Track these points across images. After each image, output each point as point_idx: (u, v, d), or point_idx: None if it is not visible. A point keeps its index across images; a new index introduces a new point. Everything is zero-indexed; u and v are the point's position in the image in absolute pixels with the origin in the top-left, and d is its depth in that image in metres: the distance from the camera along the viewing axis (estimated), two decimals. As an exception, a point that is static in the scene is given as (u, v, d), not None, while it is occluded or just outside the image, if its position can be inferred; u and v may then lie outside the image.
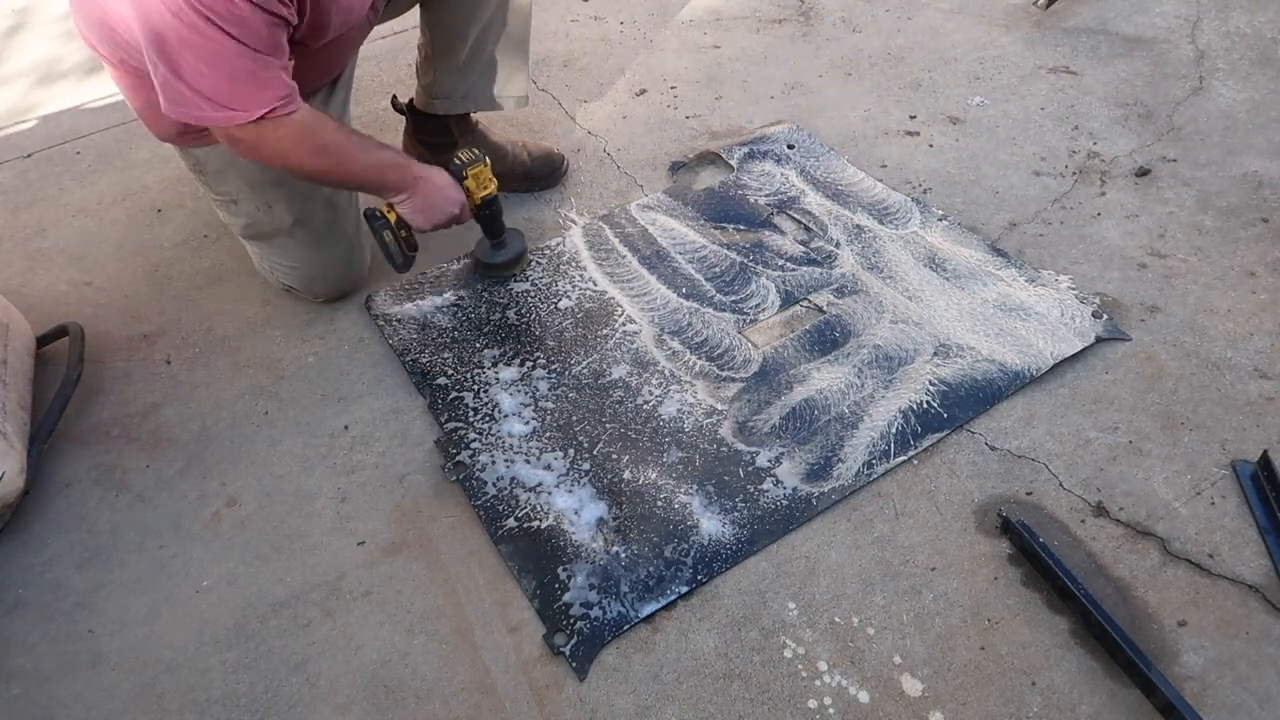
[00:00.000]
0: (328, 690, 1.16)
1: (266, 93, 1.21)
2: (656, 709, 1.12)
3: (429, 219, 1.48)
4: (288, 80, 1.24)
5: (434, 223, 1.49)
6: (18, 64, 2.44)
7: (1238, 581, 1.21)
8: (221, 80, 1.18)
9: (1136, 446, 1.37)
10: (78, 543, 1.33)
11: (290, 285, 1.64)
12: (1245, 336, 1.52)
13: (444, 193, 1.48)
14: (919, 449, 1.37)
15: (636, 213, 1.83)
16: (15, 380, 1.43)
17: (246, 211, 1.53)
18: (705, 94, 2.18)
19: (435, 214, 1.48)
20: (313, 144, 1.30)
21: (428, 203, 1.47)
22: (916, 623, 1.19)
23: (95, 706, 1.15)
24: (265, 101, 1.21)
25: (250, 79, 1.19)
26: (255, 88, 1.20)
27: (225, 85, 1.18)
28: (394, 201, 1.46)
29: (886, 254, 1.70)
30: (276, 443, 1.45)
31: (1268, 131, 1.95)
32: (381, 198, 1.47)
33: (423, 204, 1.46)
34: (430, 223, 1.49)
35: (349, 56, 1.56)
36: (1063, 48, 2.25)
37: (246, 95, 1.20)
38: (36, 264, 1.81)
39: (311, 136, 1.29)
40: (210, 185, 1.53)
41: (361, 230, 1.68)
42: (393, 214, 1.47)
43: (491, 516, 1.32)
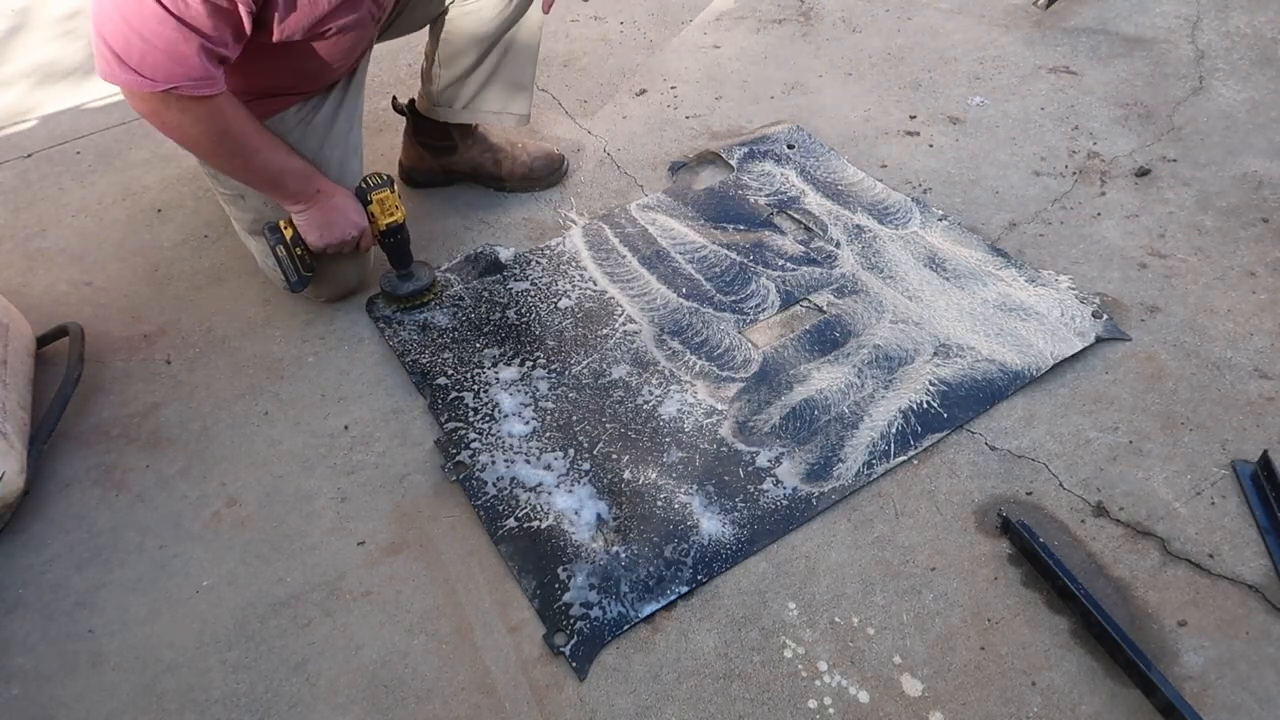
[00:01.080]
0: (328, 690, 1.16)
1: (178, 68, 1.19)
2: (656, 709, 1.12)
3: (323, 237, 1.47)
4: (208, 64, 1.21)
5: (328, 242, 1.47)
6: (18, 64, 2.44)
7: (1238, 581, 1.21)
8: (135, 42, 1.16)
9: (1136, 446, 1.37)
10: (78, 543, 1.33)
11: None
12: (1245, 336, 1.52)
13: (344, 213, 1.47)
14: (919, 449, 1.37)
15: (636, 213, 1.83)
16: (15, 380, 1.43)
17: (254, 207, 1.53)
18: (705, 94, 2.18)
19: (331, 233, 1.47)
20: (213, 129, 1.28)
21: (325, 219, 1.45)
22: (916, 623, 1.19)
23: (95, 706, 1.15)
24: (174, 77, 1.19)
25: (167, 50, 1.17)
26: (168, 60, 1.17)
27: (139, 48, 1.16)
28: (292, 214, 1.45)
29: (886, 254, 1.70)
30: (276, 443, 1.45)
31: (1268, 131, 1.95)
32: (279, 205, 1.46)
33: (319, 220, 1.45)
34: (324, 241, 1.47)
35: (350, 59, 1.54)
36: (1063, 48, 2.25)
37: (156, 64, 1.18)
38: (36, 264, 1.81)
39: (213, 123, 1.28)
40: (219, 180, 1.53)
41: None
42: (289, 230, 1.45)
43: (491, 516, 1.32)
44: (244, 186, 1.50)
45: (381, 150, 2.04)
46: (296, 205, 1.44)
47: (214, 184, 1.56)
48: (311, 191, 1.42)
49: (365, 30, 1.45)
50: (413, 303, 1.62)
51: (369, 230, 1.51)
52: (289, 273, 1.48)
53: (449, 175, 1.89)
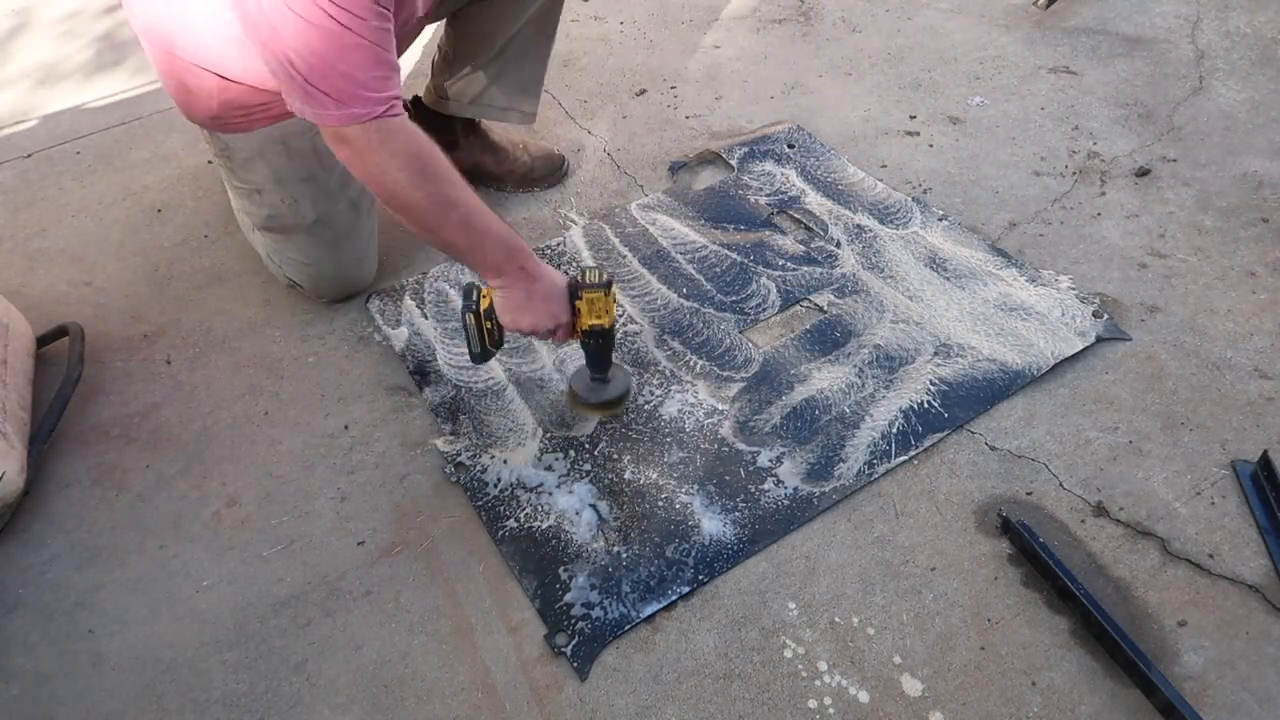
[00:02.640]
0: (328, 690, 1.16)
1: (384, 91, 1.15)
2: (656, 709, 1.12)
3: (515, 321, 1.31)
4: (399, 81, 1.19)
5: (520, 327, 1.32)
6: (18, 64, 2.44)
7: (1238, 581, 1.21)
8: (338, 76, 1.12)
9: (1136, 446, 1.37)
10: (78, 543, 1.33)
11: (297, 282, 1.63)
12: (1245, 336, 1.52)
13: (546, 302, 1.30)
14: (919, 449, 1.37)
15: (637, 213, 1.83)
16: (15, 380, 1.43)
17: (270, 203, 1.52)
18: (705, 94, 2.18)
19: (525, 318, 1.31)
20: (419, 165, 1.18)
21: (521, 302, 1.30)
22: (916, 623, 1.19)
23: (95, 706, 1.15)
24: (383, 100, 1.15)
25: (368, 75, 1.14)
26: (373, 86, 1.14)
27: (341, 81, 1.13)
28: (491, 284, 1.31)
29: (887, 254, 1.70)
30: (276, 443, 1.45)
31: (1268, 131, 1.95)
32: (474, 272, 1.34)
33: (515, 301, 1.30)
34: (516, 325, 1.32)
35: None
36: (1063, 48, 2.25)
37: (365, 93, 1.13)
38: (36, 264, 1.81)
39: (419, 155, 1.19)
40: (235, 173, 1.51)
41: (376, 236, 1.68)
42: (486, 300, 1.31)
43: (492, 517, 1.32)
44: (261, 181, 1.48)
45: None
46: (495, 279, 1.29)
47: (228, 177, 1.55)
48: (514, 268, 1.27)
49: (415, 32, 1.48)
50: (601, 412, 1.44)
51: (568, 325, 1.34)
52: (473, 344, 1.33)
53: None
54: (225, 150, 1.49)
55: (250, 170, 1.49)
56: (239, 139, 1.45)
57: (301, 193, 1.50)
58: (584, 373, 1.43)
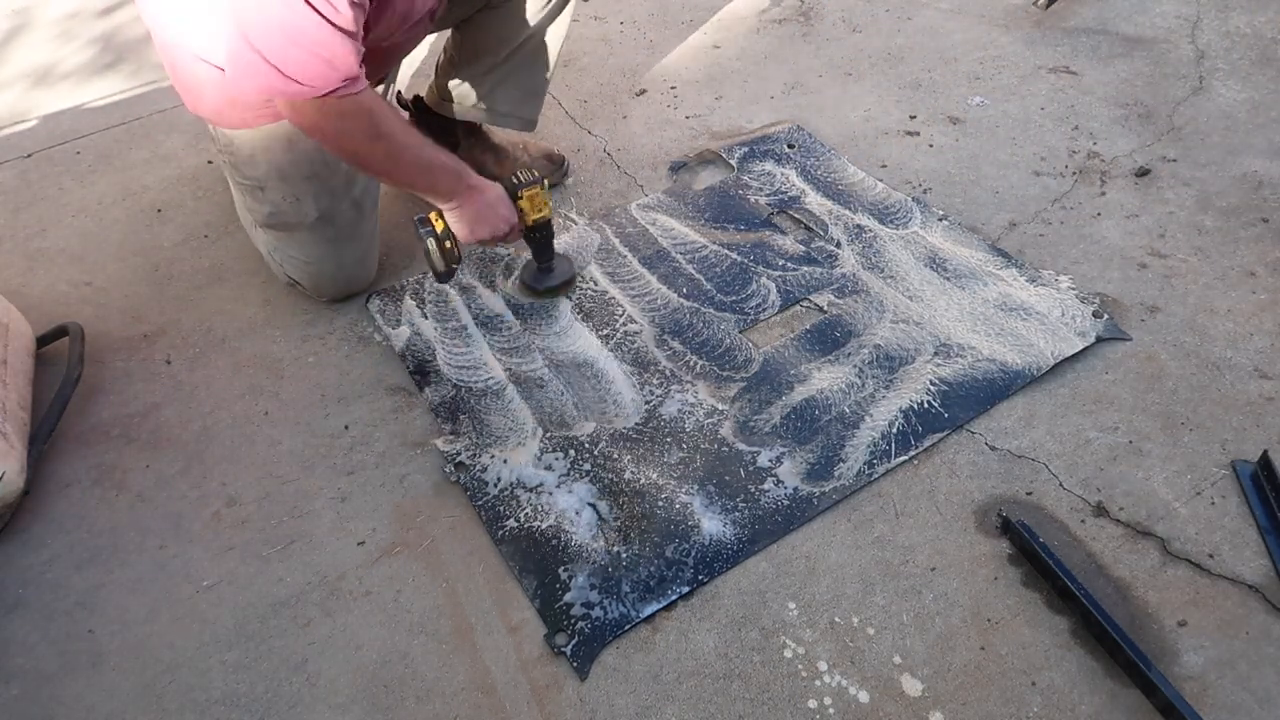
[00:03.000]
0: (328, 690, 1.16)
1: (336, 71, 1.20)
2: (656, 709, 1.12)
3: (475, 232, 1.46)
4: (357, 61, 1.23)
5: (479, 236, 1.47)
6: (18, 64, 2.44)
7: (1238, 581, 1.21)
8: (294, 53, 1.17)
9: (1136, 446, 1.37)
10: (78, 543, 1.33)
11: (297, 281, 1.63)
12: (1245, 336, 1.52)
13: (495, 208, 1.46)
14: (920, 449, 1.37)
15: (637, 213, 1.83)
16: (15, 380, 1.43)
17: (272, 200, 1.52)
18: (705, 94, 2.18)
19: (482, 228, 1.46)
20: (373, 129, 1.28)
21: (476, 215, 1.44)
22: (916, 623, 1.19)
23: (95, 706, 1.15)
24: (334, 79, 1.20)
25: (324, 54, 1.18)
26: (326, 64, 1.19)
27: (299, 57, 1.17)
28: (442, 209, 1.44)
29: (887, 254, 1.70)
30: (276, 443, 1.45)
31: (1268, 131, 1.95)
32: (429, 202, 1.44)
33: (471, 215, 1.44)
34: (475, 236, 1.47)
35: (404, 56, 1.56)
36: (1063, 48, 2.25)
37: (317, 70, 1.19)
38: (36, 264, 1.81)
39: (373, 121, 1.28)
40: (238, 169, 1.51)
41: (377, 236, 1.68)
42: (440, 223, 1.45)
43: (492, 517, 1.32)
44: (264, 177, 1.49)
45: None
46: (449, 203, 1.43)
47: (231, 173, 1.55)
48: (464, 188, 1.42)
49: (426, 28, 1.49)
50: (553, 295, 1.64)
51: (517, 225, 1.51)
52: (436, 263, 1.47)
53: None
54: (229, 146, 1.49)
55: (253, 166, 1.49)
56: (243, 134, 1.45)
57: (305, 190, 1.50)
58: (531, 264, 1.63)
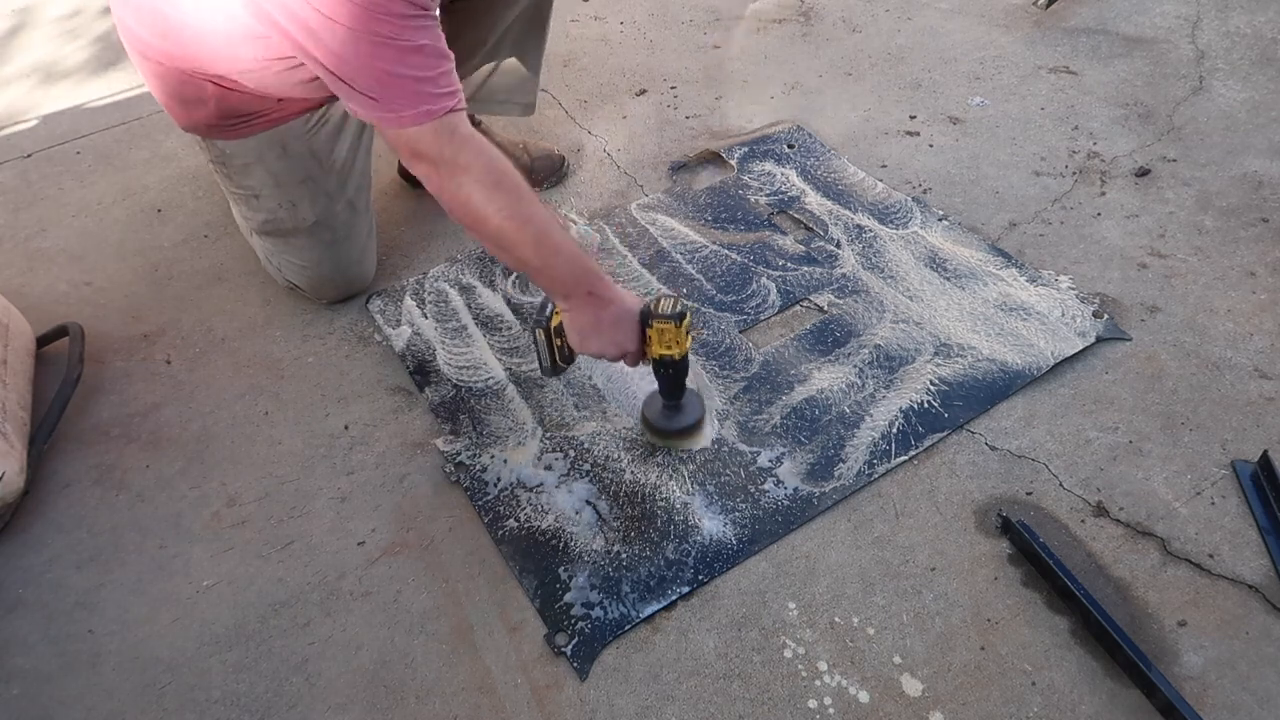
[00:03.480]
0: (328, 690, 1.16)
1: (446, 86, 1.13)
2: (656, 709, 1.12)
3: (582, 343, 1.29)
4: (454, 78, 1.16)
5: (588, 350, 1.30)
6: (18, 64, 2.44)
7: (1238, 581, 1.21)
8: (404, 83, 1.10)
9: (1136, 446, 1.37)
10: (78, 543, 1.33)
11: (296, 284, 1.64)
12: (1245, 336, 1.52)
13: (613, 330, 1.27)
14: (920, 449, 1.37)
15: (637, 213, 1.83)
16: (15, 380, 1.43)
17: (268, 207, 1.52)
18: (705, 94, 2.18)
19: (592, 344, 1.28)
20: (493, 177, 1.15)
21: (590, 326, 1.27)
22: (916, 623, 1.19)
23: (95, 706, 1.15)
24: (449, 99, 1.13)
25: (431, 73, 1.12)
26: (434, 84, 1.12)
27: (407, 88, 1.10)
28: (560, 306, 1.28)
29: (887, 254, 1.70)
30: (276, 443, 1.45)
31: (1268, 131, 1.95)
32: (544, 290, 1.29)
33: (584, 324, 1.27)
34: (584, 349, 1.30)
35: None
36: (1063, 48, 2.25)
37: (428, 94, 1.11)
38: (36, 264, 1.81)
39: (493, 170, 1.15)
40: (232, 178, 1.51)
41: (374, 236, 1.67)
42: (558, 317, 1.29)
43: (492, 517, 1.32)
44: (259, 185, 1.47)
45: (382, 149, 2.04)
46: (563, 302, 1.26)
47: (224, 182, 1.55)
48: (583, 292, 1.24)
49: None
50: (672, 441, 1.40)
51: (636, 354, 1.31)
52: (543, 358, 1.33)
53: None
54: (221, 156, 1.48)
55: (247, 175, 1.49)
56: (235, 145, 1.45)
57: (300, 195, 1.50)
58: (657, 398, 1.40)
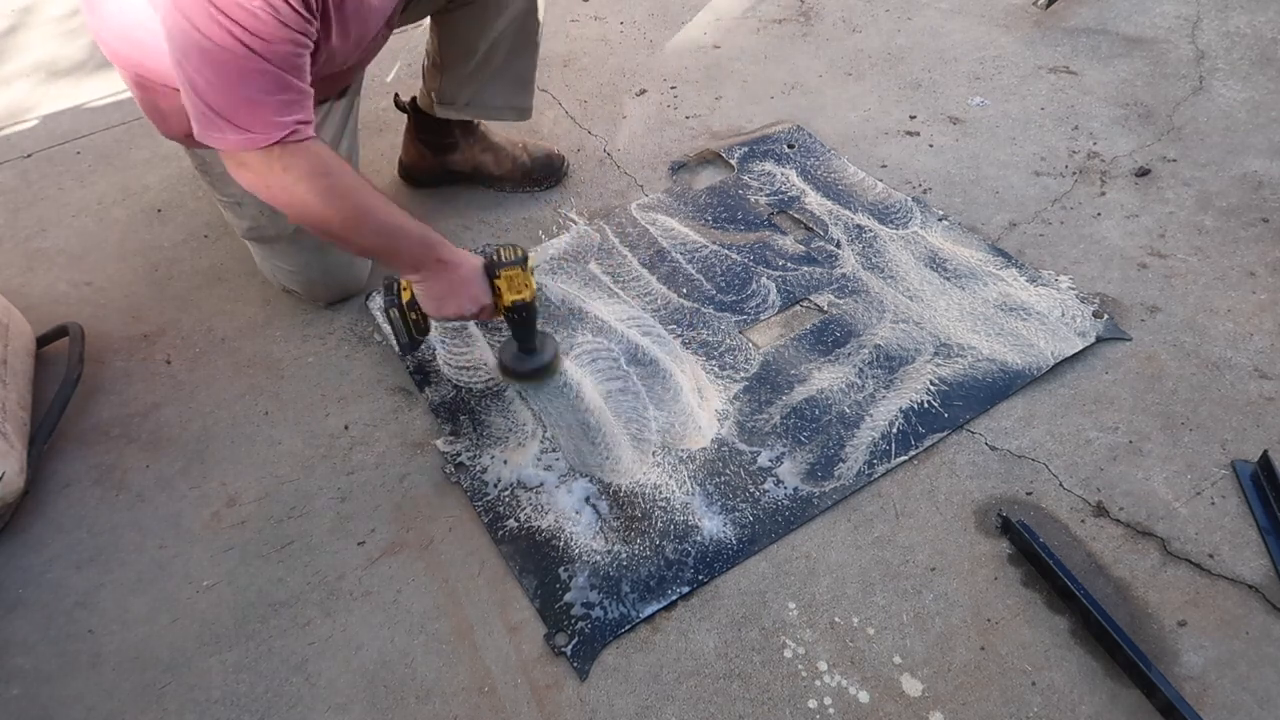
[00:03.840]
0: (328, 690, 1.16)
1: (286, 116, 1.14)
2: (656, 709, 1.12)
3: (440, 309, 1.35)
4: (309, 106, 1.18)
5: (446, 314, 1.36)
6: (18, 64, 2.44)
7: (1238, 581, 1.21)
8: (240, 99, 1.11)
9: (1136, 446, 1.37)
10: (78, 543, 1.33)
11: (291, 288, 1.64)
12: (1245, 336, 1.52)
13: (466, 287, 1.33)
14: (919, 449, 1.37)
15: (637, 213, 1.83)
16: (15, 380, 1.43)
17: (250, 214, 1.53)
18: (705, 94, 2.18)
19: (449, 306, 1.34)
20: (325, 183, 1.19)
21: (444, 291, 1.33)
22: (916, 623, 1.19)
23: (95, 706, 1.15)
24: (285, 125, 1.14)
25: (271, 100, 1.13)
26: (275, 110, 1.13)
27: (245, 106, 1.12)
28: (409, 279, 1.34)
29: (887, 254, 1.70)
30: (276, 443, 1.45)
31: (1268, 131, 1.95)
32: (392, 271, 1.36)
33: (438, 291, 1.33)
34: (441, 313, 1.36)
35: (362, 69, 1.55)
36: (1063, 48, 2.25)
37: (265, 117, 1.12)
38: (36, 264, 1.81)
39: (325, 174, 1.19)
40: (215, 186, 1.52)
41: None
42: (407, 292, 1.35)
43: (492, 517, 1.32)
44: (241, 193, 1.48)
45: (382, 150, 2.04)
46: (414, 274, 1.32)
47: (210, 190, 1.55)
48: (431, 260, 1.30)
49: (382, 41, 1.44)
50: (530, 381, 1.47)
51: (490, 306, 1.37)
52: (399, 334, 1.38)
53: (449, 174, 1.89)
54: (203, 164, 1.49)
55: (229, 183, 1.47)
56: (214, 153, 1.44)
57: None
58: (512, 344, 1.46)
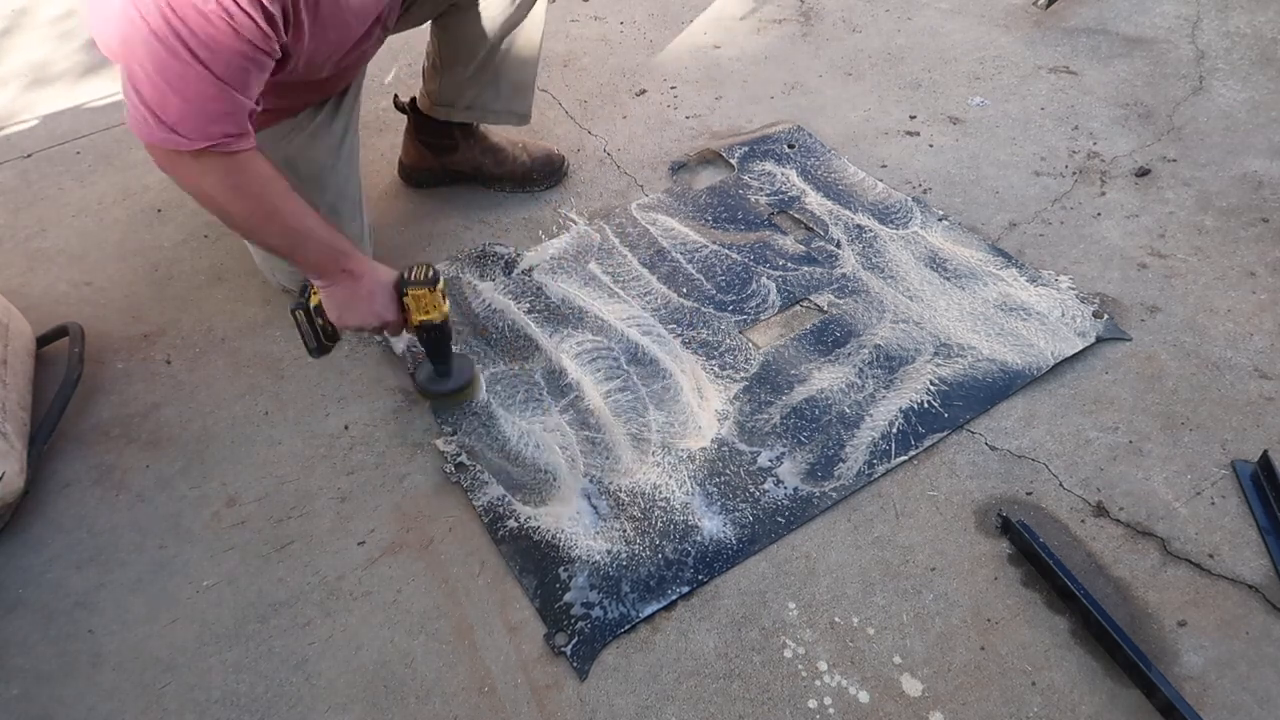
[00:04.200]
0: (328, 690, 1.16)
1: (215, 126, 1.13)
2: (656, 709, 1.12)
3: (342, 318, 1.34)
4: (244, 119, 1.16)
5: (346, 323, 1.35)
6: (17, 64, 2.44)
7: (1238, 581, 1.21)
8: (174, 101, 1.10)
9: (1136, 446, 1.37)
10: (78, 543, 1.33)
11: (290, 288, 1.64)
12: (1245, 336, 1.52)
13: (370, 301, 1.33)
14: (919, 449, 1.37)
15: (637, 213, 1.83)
16: (15, 380, 1.43)
17: None
18: (705, 94, 2.18)
19: (350, 316, 1.34)
20: (234, 181, 1.19)
21: (347, 301, 1.33)
22: (916, 623, 1.19)
23: (95, 706, 1.15)
24: (212, 135, 1.13)
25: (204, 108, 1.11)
26: (206, 119, 1.12)
27: (177, 107, 1.10)
28: (316, 285, 1.34)
29: (887, 254, 1.70)
30: (276, 443, 1.45)
31: (1268, 131, 1.95)
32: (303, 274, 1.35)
33: (341, 300, 1.33)
34: (343, 323, 1.35)
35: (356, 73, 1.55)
36: (1063, 48, 2.25)
37: (194, 124, 1.12)
38: (36, 264, 1.81)
39: (242, 177, 1.19)
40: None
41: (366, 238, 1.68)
42: (316, 297, 1.34)
43: (492, 517, 1.32)
44: None
45: (382, 150, 2.04)
46: (320, 280, 1.32)
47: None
48: (338, 270, 1.31)
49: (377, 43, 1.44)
50: (442, 401, 1.47)
51: (396, 323, 1.37)
52: (307, 339, 1.37)
53: (449, 174, 1.89)
54: None
55: None
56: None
57: None
58: (427, 364, 1.46)
